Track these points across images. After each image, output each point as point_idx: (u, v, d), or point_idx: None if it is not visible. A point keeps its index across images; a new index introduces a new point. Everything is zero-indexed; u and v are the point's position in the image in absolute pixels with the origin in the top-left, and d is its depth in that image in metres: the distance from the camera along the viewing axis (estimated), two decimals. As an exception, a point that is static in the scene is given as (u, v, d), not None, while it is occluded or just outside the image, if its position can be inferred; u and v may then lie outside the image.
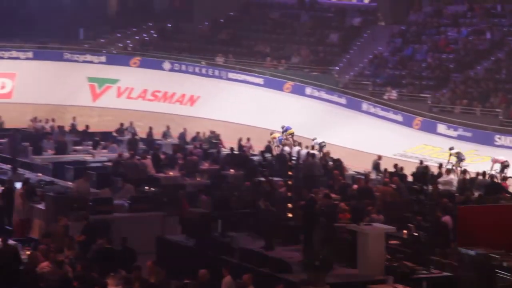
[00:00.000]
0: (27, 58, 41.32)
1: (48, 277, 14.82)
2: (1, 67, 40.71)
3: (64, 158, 28.03)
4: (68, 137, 31.14)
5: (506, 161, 27.55)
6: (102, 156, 28.52)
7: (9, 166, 25.16)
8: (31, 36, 42.25)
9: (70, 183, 23.81)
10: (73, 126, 33.23)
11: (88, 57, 41.83)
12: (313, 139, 29.94)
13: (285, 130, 30.81)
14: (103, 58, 41.93)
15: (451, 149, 29.09)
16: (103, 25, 45.16)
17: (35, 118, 35.01)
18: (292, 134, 30.64)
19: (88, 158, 28.26)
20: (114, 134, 32.51)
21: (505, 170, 27.16)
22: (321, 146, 29.36)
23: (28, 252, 16.21)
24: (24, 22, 42.80)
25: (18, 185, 21.62)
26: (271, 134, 31.16)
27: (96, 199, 20.89)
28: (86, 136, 31.89)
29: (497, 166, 27.54)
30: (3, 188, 21.90)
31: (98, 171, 24.62)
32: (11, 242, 16.78)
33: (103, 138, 30.93)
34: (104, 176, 24.03)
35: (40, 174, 24.73)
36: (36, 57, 41.43)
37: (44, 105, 39.17)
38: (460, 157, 28.38)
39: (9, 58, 41.07)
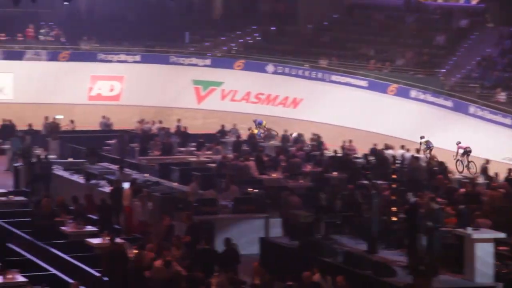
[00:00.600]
0: (135, 62, 42.25)
1: (158, 275, 15.09)
2: (110, 70, 41.79)
3: (169, 159, 28.57)
4: (173, 138, 31.70)
5: (468, 147, 29.63)
6: (206, 157, 28.92)
7: (117, 166, 25.79)
8: (139, 40, 43.23)
9: (175, 184, 24.26)
10: (178, 128, 33.80)
11: (193, 60, 42.45)
12: (291, 134, 32.19)
13: (258, 124, 33.10)
14: (207, 61, 42.48)
15: (422, 137, 30.59)
16: (208, 28, 45.74)
17: (142, 120, 35.77)
18: (265, 126, 33.09)
19: (192, 159, 28.71)
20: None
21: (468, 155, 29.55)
22: (298, 139, 31.19)
23: (135, 251, 16.55)
24: (132, 27, 43.87)
25: (126, 185, 22.16)
26: (249, 129, 33.10)
27: (201, 199, 21.19)
28: (189, 138, 32.38)
29: (461, 152, 29.72)
30: (111, 188, 22.50)
31: (203, 172, 24.96)
32: (118, 240, 17.18)
33: (207, 140, 31.34)
34: (209, 177, 24.35)
35: (146, 175, 25.26)
36: (143, 60, 42.32)
37: (150, 107, 40.02)
38: (428, 145, 30.32)
39: (118, 61, 42.08)
